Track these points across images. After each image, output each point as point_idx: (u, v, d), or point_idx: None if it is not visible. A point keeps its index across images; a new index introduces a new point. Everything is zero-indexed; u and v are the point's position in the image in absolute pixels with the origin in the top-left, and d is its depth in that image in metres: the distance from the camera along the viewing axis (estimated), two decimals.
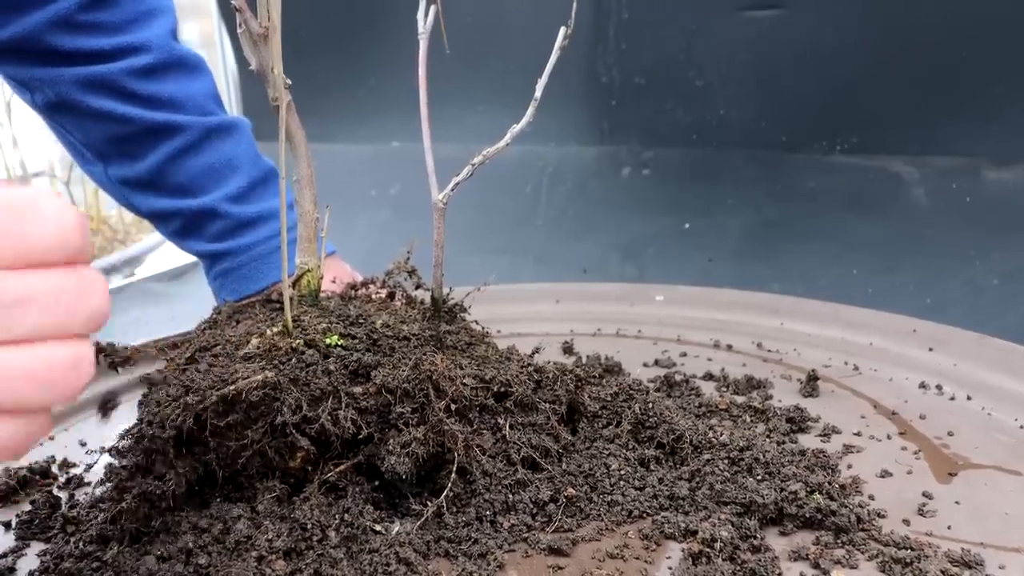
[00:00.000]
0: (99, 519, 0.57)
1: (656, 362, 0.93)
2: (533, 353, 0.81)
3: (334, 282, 0.81)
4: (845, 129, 1.56)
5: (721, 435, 0.68)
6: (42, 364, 0.38)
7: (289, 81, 0.60)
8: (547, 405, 0.67)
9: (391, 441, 0.58)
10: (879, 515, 0.61)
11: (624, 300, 1.11)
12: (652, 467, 0.66)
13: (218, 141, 0.94)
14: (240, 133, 0.96)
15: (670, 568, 0.55)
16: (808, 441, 0.73)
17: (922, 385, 0.84)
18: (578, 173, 1.79)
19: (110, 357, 0.54)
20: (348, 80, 1.92)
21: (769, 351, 0.96)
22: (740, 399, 0.81)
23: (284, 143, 0.60)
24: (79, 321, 0.39)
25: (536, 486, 0.62)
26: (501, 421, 0.64)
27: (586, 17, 1.64)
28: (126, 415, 0.69)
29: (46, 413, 0.40)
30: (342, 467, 0.59)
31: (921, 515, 0.61)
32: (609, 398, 0.73)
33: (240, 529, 0.55)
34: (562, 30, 0.62)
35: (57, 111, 0.91)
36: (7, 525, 0.64)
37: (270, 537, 0.54)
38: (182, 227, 0.96)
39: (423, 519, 0.58)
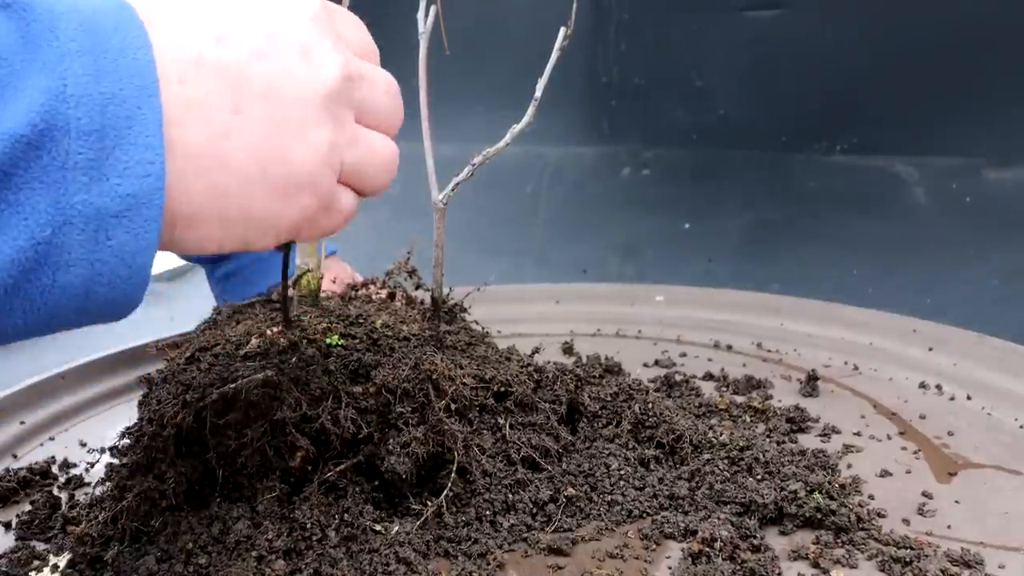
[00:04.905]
0: (99, 518, 0.57)
1: (656, 362, 0.93)
2: (533, 353, 0.81)
3: (334, 282, 0.82)
4: (845, 129, 1.56)
5: (721, 435, 0.68)
6: (390, 150, 0.46)
7: None
8: (547, 405, 0.67)
9: (391, 441, 0.58)
10: (879, 515, 0.61)
11: (624, 300, 1.11)
12: (652, 467, 0.66)
13: None
14: None
15: (670, 568, 0.55)
16: (808, 441, 0.73)
17: (922, 385, 0.84)
18: (578, 173, 1.79)
19: None
20: None
21: (769, 351, 0.96)
22: (740, 399, 0.81)
23: None
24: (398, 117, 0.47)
25: (536, 486, 0.62)
26: (501, 421, 0.64)
27: (586, 17, 1.64)
28: (126, 415, 0.70)
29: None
30: (342, 467, 0.59)
31: (921, 515, 0.61)
32: (609, 398, 0.73)
33: (240, 529, 0.55)
34: (562, 30, 0.62)
35: None
36: (7, 525, 0.64)
37: (270, 537, 0.54)
38: None
39: (423, 519, 0.58)
